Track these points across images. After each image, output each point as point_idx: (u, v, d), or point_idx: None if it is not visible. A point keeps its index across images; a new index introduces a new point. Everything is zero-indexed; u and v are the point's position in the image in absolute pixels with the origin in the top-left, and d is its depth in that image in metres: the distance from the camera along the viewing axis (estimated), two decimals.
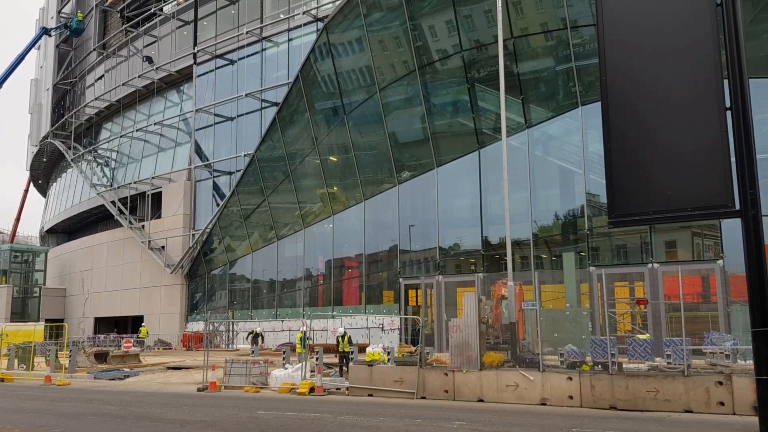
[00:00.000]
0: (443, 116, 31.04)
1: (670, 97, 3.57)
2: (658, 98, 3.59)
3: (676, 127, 3.54)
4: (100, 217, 53.73)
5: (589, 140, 26.18)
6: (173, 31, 48.11)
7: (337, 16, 33.30)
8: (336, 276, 35.77)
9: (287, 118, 37.31)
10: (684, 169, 3.50)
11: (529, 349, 19.04)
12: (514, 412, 15.52)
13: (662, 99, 3.58)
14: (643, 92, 3.63)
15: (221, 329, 40.47)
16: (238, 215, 40.85)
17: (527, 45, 27.90)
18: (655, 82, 3.61)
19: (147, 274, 46.19)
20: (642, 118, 3.61)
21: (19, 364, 30.17)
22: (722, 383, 14.60)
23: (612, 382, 15.78)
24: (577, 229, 27.04)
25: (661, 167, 3.54)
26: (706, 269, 23.88)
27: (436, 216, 30.70)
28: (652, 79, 3.62)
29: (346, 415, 15.05)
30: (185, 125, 46.76)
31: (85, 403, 18.36)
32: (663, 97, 3.58)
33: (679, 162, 3.51)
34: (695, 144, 3.49)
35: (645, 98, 3.62)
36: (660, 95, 3.59)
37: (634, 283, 25.14)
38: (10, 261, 57.76)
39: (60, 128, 60.54)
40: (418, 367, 18.60)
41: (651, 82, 3.62)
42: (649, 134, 3.58)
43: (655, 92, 3.60)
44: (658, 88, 3.60)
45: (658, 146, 3.56)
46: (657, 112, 3.58)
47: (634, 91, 3.66)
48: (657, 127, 3.57)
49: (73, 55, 62.40)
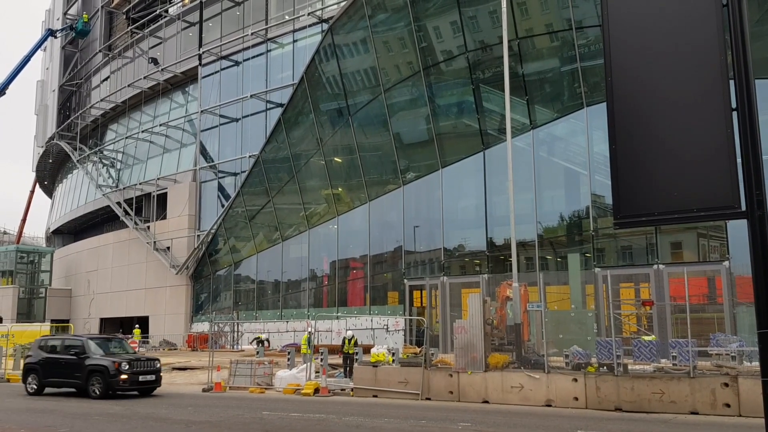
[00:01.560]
0: (448, 117, 31.03)
1: (676, 98, 3.56)
2: (663, 99, 3.58)
3: (681, 127, 3.53)
4: (105, 218, 53.89)
5: (594, 141, 26.11)
6: (178, 32, 48.22)
7: (341, 17, 33.33)
8: (341, 277, 35.78)
9: (292, 119, 37.35)
10: (690, 170, 3.49)
11: (534, 350, 19.02)
12: (519, 414, 15.49)
13: (668, 100, 3.57)
14: (648, 93, 3.62)
15: (226, 330, 40.52)
16: (243, 216, 40.91)
17: (532, 46, 27.86)
18: (661, 83, 3.60)
19: (152, 275, 46.30)
20: (647, 118, 3.60)
21: None
22: (728, 385, 14.54)
23: (617, 383, 15.74)
24: (583, 230, 26.98)
25: (666, 168, 3.53)
26: (711, 270, 23.79)
27: (441, 217, 30.67)
28: (657, 79, 3.61)
29: (350, 416, 15.06)
30: (190, 126, 46.86)
31: (90, 403, 18.42)
32: (668, 98, 3.57)
33: (684, 163, 3.50)
34: (701, 145, 3.48)
35: (650, 99, 3.61)
36: (665, 96, 3.58)
37: (639, 285, 25.07)
38: (16, 262, 57.98)
39: (66, 129, 60.74)
40: (423, 368, 18.59)
41: (656, 82, 3.61)
42: (654, 135, 3.57)
43: (661, 93, 3.59)
44: (663, 89, 3.59)
45: (663, 147, 3.55)
46: (662, 112, 3.57)
47: (639, 91, 3.65)
48: (662, 127, 3.56)
49: (79, 56, 62.60)
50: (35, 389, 20.80)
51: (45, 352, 21.13)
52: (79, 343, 20.60)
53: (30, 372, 21.24)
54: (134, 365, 19.53)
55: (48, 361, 20.76)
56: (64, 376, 20.30)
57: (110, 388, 19.09)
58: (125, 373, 19.11)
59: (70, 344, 20.96)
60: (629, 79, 3.67)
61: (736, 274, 22.68)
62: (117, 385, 19.10)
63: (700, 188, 3.45)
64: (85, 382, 19.54)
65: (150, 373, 19.96)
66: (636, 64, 3.66)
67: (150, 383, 20.06)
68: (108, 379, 19.08)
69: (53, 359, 20.68)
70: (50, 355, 20.88)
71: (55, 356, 20.73)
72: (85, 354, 19.86)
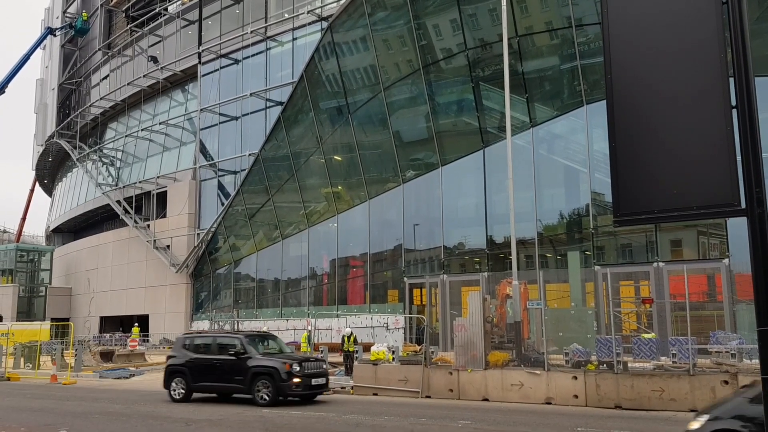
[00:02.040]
0: (448, 115, 31.02)
1: (676, 95, 3.55)
2: (663, 96, 3.58)
3: (681, 125, 3.52)
4: (105, 216, 53.89)
5: (594, 139, 26.10)
6: (178, 30, 48.19)
7: (341, 15, 33.30)
8: (341, 275, 35.78)
9: (292, 117, 37.33)
10: (689, 168, 3.49)
11: (533, 348, 19.03)
12: (519, 411, 15.50)
13: (667, 97, 3.57)
14: (648, 90, 3.62)
15: (226, 328, 40.53)
16: (242, 214, 40.91)
17: (532, 43, 27.84)
18: (661, 80, 3.60)
19: (152, 273, 46.31)
20: (647, 116, 3.59)
21: (25, 363, 30.31)
22: (728, 382, 14.55)
23: (617, 381, 15.75)
24: (582, 227, 26.97)
25: (666, 165, 3.53)
26: (711, 268, 23.79)
27: (441, 215, 30.67)
28: (657, 77, 3.61)
29: (351, 414, 15.07)
30: (190, 125, 46.85)
31: (90, 402, 18.43)
32: (668, 95, 3.57)
33: (684, 160, 3.50)
34: (701, 142, 3.48)
35: (650, 96, 3.60)
36: (665, 93, 3.58)
37: (639, 282, 25.08)
38: (16, 260, 58.00)
39: (65, 128, 60.73)
40: (423, 366, 18.60)
41: (656, 80, 3.60)
42: (654, 132, 3.57)
43: (661, 90, 3.59)
44: (663, 86, 3.59)
45: (663, 144, 3.54)
46: (662, 110, 3.57)
47: (639, 89, 3.64)
48: (662, 125, 3.56)
49: (78, 54, 62.57)
50: (182, 395, 17.97)
51: (192, 352, 18.34)
52: (236, 342, 17.77)
53: (175, 375, 18.22)
54: (305, 367, 17.11)
55: (197, 362, 17.93)
56: (220, 380, 17.63)
57: (281, 393, 16.70)
58: (297, 376, 16.71)
59: (226, 343, 18.10)
60: (629, 76, 3.67)
61: (735, 272, 22.69)
62: (289, 390, 16.72)
63: (700, 186, 3.45)
64: (248, 386, 16.97)
65: (321, 376, 17.59)
66: (636, 62, 3.66)
67: (320, 387, 17.59)
68: (278, 383, 16.61)
69: (204, 360, 17.88)
70: (199, 356, 18.08)
71: (206, 357, 18.00)
72: (246, 354, 17.26)
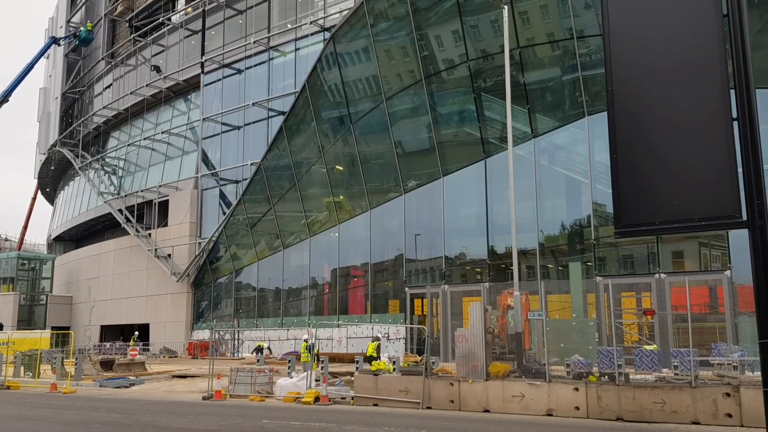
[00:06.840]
0: (449, 125, 31.08)
1: (677, 108, 3.56)
2: (664, 108, 3.59)
3: (682, 137, 3.53)
4: (107, 225, 53.94)
5: (595, 150, 26.12)
6: (181, 40, 48.43)
7: (344, 26, 33.45)
8: (342, 285, 35.74)
9: (294, 127, 37.42)
10: (691, 179, 3.49)
11: (535, 359, 18.95)
12: (520, 423, 15.43)
13: (669, 109, 3.57)
14: (649, 102, 3.63)
15: (227, 338, 40.47)
16: (244, 224, 40.92)
17: (534, 55, 27.93)
18: (662, 92, 3.61)
19: (153, 282, 46.27)
20: (648, 127, 3.60)
21: (25, 371, 30.22)
22: (730, 395, 14.48)
23: (619, 393, 15.68)
24: (584, 238, 26.95)
25: (667, 177, 3.53)
26: (713, 280, 23.74)
27: (442, 225, 30.66)
28: (658, 89, 3.62)
29: (351, 425, 15.00)
30: (192, 134, 46.97)
31: (90, 411, 18.36)
32: (669, 108, 3.57)
33: (685, 172, 3.50)
34: (702, 154, 3.48)
35: (651, 108, 3.61)
36: (666, 105, 3.58)
37: (641, 294, 25.01)
38: (17, 268, 58.00)
39: (68, 137, 60.92)
40: (424, 377, 18.53)
41: (657, 92, 3.62)
42: (655, 144, 3.58)
43: (662, 102, 3.60)
44: (664, 98, 3.60)
45: (664, 156, 3.55)
46: (663, 122, 3.58)
47: (640, 100, 3.65)
48: (663, 136, 3.56)
49: (82, 64, 62.86)
50: None
51: None
52: None
53: None
54: None
55: None
56: None
57: None
58: None
59: None
60: (630, 88, 3.68)
61: (737, 284, 22.63)
62: None
63: (701, 198, 3.45)
64: None
65: None
66: (637, 74, 3.67)
67: None
68: None
69: None
70: None
71: None
72: None
